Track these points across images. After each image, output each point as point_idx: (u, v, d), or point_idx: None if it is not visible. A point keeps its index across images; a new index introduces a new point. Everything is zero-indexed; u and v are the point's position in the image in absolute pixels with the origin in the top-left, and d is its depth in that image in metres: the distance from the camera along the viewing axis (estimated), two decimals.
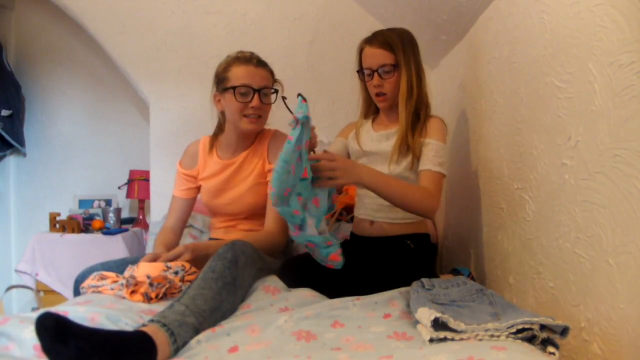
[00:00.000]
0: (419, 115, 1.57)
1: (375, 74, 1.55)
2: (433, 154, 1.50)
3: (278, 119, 1.66)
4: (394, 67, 1.54)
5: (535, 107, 1.27)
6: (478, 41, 1.73)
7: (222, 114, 1.67)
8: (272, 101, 1.60)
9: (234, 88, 1.54)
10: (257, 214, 1.68)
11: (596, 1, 0.99)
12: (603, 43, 0.97)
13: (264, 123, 1.64)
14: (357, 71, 1.63)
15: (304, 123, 1.17)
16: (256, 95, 1.54)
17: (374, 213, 1.61)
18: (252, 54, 1.60)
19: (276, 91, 1.61)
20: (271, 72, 1.62)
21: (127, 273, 1.33)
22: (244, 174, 1.66)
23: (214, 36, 2.47)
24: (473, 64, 1.77)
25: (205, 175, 1.71)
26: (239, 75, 1.55)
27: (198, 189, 1.75)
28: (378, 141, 1.63)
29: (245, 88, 1.53)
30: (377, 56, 1.55)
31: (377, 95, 1.59)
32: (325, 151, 1.32)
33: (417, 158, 1.54)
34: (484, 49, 1.66)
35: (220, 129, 1.72)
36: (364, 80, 1.63)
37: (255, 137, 1.69)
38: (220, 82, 1.60)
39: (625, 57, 0.90)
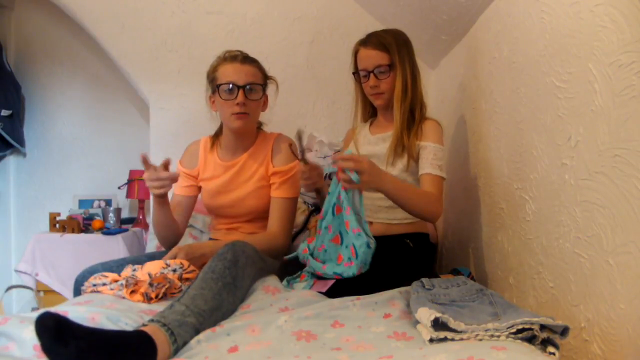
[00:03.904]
0: (414, 115, 1.58)
1: (371, 74, 1.56)
2: (432, 157, 1.50)
3: (277, 118, 1.66)
4: (390, 67, 1.55)
5: (535, 107, 1.27)
6: (478, 41, 1.73)
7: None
8: (259, 97, 1.60)
9: (218, 86, 1.55)
10: (259, 217, 1.68)
11: (596, 1, 0.99)
12: (603, 43, 0.97)
13: (253, 120, 1.64)
14: (353, 73, 1.64)
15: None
16: (240, 92, 1.53)
17: (372, 214, 1.61)
18: (239, 52, 1.60)
19: (262, 86, 1.60)
20: (260, 69, 1.62)
21: (125, 272, 1.33)
22: (246, 176, 1.66)
23: (214, 36, 2.47)
24: (473, 64, 1.77)
25: (206, 176, 1.71)
26: (225, 73, 1.56)
27: (199, 188, 1.74)
28: (375, 144, 1.64)
29: (230, 85, 1.54)
30: (372, 57, 1.56)
31: (373, 94, 1.59)
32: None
33: (413, 159, 1.55)
34: (484, 49, 1.66)
35: (221, 129, 1.72)
36: (360, 82, 1.63)
37: (255, 138, 1.69)
38: (211, 82, 1.61)
39: (625, 57, 0.90)
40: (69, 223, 2.59)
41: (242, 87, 1.54)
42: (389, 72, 1.55)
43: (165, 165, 1.44)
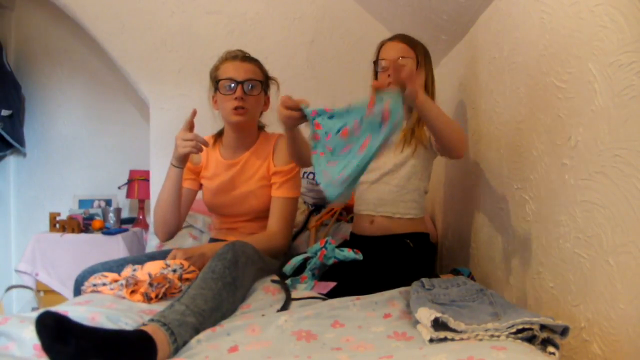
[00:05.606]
0: None
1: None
2: None
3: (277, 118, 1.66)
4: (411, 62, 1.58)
5: (535, 107, 1.27)
6: (478, 41, 1.73)
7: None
8: (257, 92, 1.62)
9: (218, 82, 1.59)
10: (259, 216, 1.68)
11: (596, 1, 0.99)
12: (603, 43, 0.97)
13: (253, 117, 1.65)
14: (374, 62, 1.65)
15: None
16: (239, 87, 1.56)
17: (375, 208, 1.61)
18: (240, 51, 1.64)
19: (262, 84, 1.63)
20: (260, 67, 1.65)
21: (125, 272, 1.33)
22: (247, 175, 1.66)
23: (214, 36, 2.47)
24: (473, 64, 1.77)
25: (208, 174, 1.71)
26: (225, 70, 1.60)
27: (200, 185, 1.75)
28: None
29: (229, 80, 1.57)
30: (397, 49, 1.60)
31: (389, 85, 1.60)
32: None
33: (422, 145, 1.59)
34: (484, 49, 1.66)
35: (223, 128, 1.74)
36: (376, 75, 1.64)
37: (256, 137, 1.70)
38: (213, 81, 1.64)
39: (625, 57, 0.90)
40: (69, 223, 2.59)
41: (241, 83, 1.56)
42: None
43: (193, 114, 1.55)
